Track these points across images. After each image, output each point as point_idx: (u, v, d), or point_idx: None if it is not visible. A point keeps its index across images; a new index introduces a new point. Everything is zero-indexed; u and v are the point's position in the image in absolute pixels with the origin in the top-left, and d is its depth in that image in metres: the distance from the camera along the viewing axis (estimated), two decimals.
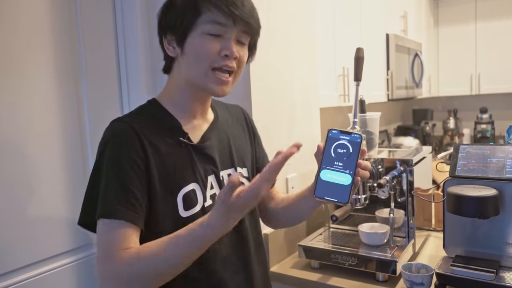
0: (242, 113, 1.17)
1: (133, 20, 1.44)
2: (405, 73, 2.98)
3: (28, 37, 1.20)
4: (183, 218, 0.90)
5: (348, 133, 0.88)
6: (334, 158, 0.88)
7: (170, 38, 0.93)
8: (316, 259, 1.46)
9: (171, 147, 0.92)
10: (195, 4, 0.88)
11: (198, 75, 0.91)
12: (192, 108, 0.99)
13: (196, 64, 0.90)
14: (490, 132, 3.91)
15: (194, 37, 0.89)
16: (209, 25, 0.88)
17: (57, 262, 1.27)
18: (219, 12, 0.87)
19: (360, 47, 1.38)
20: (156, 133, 0.92)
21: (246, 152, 1.10)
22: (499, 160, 1.26)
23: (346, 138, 0.88)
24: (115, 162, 0.86)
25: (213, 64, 0.90)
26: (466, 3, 3.90)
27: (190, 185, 0.93)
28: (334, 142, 0.89)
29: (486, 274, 1.17)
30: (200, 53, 0.89)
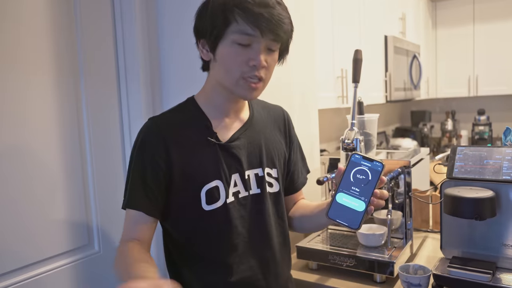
0: (283, 115, 1.20)
1: (132, 20, 1.45)
2: (404, 74, 2.99)
3: (27, 38, 1.20)
4: (205, 211, 0.99)
5: (370, 160, 0.88)
6: (352, 183, 0.88)
7: (203, 43, 0.96)
8: (314, 260, 1.46)
9: (198, 145, 0.99)
10: (224, 14, 0.89)
11: (229, 83, 0.95)
12: (225, 107, 1.03)
13: (227, 72, 0.94)
14: (488, 134, 3.92)
15: (224, 46, 0.92)
16: (237, 35, 0.90)
17: (56, 263, 1.27)
18: (246, 24, 0.89)
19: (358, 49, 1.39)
20: (185, 131, 1.00)
21: (279, 154, 1.13)
22: (496, 162, 1.27)
23: (367, 165, 0.88)
24: (137, 161, 0.98)
25: (243, 74, 0.93)
26: (464, 5, 3.91)
27: (213, 182, 0.99)
28: (355, 166, 0.89)
29: (483, 275, 1.18)
30: (230, 63, 0.93)
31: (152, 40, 1.50)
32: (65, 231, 1.29)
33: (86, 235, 1.36)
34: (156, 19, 1.52)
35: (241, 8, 0.88)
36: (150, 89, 1.50)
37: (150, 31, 1.50)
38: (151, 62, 1.51)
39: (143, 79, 1.48)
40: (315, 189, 1.80)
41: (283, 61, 1.05)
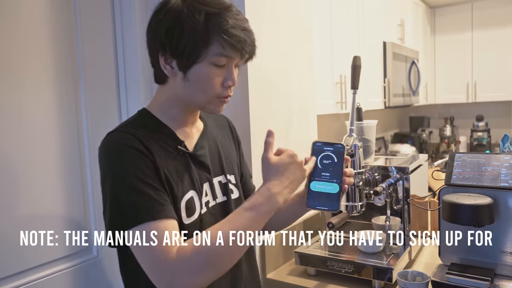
0: (227, 122, 1.19)
1: (131, 22, 1.45)
2: (402, 80, 3.00)
3: (27, 40, 1.20)
4: (185, 225, 0.91)
5: (331, 144, 0.94)
6: (321, 169, 0.94)
7: (169, 59, 0.90)
8: (312, 266, 1.46)
9: (170, 155, 0.92)
10: (207, 35, 0.86)
11: (201, 102, 0.93)
12: (183, 119, 0.99)
13: (201, 93, 0.91)
14: (486, 140, 3.93)
15: (200, 67, 0.89)
16: (217, 57, 0.88)
17: (54, 268, 1.27)
18: (230, 48, 0.87)
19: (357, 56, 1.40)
20: (155, 141, 0.91)
21: (233, 160, 1.12)
22: (494, 168, 1.28)
23: (330, 149, 0.94)
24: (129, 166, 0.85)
25: (219, 95, 0.92)
26: (463, 12, 3.93)
27: (190, 193, 0.94)
28: (319, 154, 0.95)
29: (481, 282, 1.18)
30: (206, 84, 0.90)
31: None
32: (63, 235, 1.29)
33: (85, 240, 1.36)
34: None
35: (226, 33, 0.86)
36: (150, 91, 1.50)
37: None
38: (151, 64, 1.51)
39: (143, 81, 1.48)
40: None
41: None
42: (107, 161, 0.87)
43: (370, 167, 1.48)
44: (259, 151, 1.45)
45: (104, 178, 0.87)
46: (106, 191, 0.86)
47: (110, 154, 0.87)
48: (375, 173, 1.48)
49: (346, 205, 1.37)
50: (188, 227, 0.91)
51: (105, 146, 0.88)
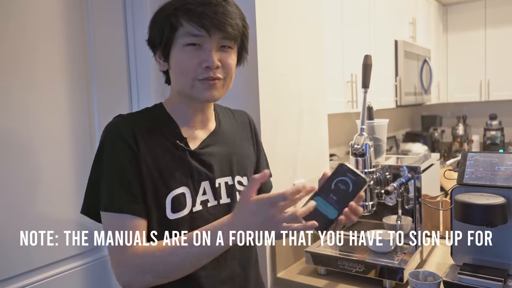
0: (248, 119, 1.18)
1: (143, 23, 1.47)
2: (414, 79, 2.97)
3: (39, 40, 1.22)
4: (169, 220, 0.92)
5: (356, 174, 0.89)
6: (331, 190, 0.89)
7: (158, 54, 0.96)
8: (323, 265, 1.46)
9: (166, 150, 0.94)
10: (169, 19, 0.90)
11: (185, 87, 0.94)
12: (192, 117, 1.00)
13: (182, 77, 0.93)
14: (500, 139, 3.88)
15: (175, 52, 0.92)
16: (185, 37, 0.90)
17: (65, 266, 1.28)
18: (191, 25, 0.89)
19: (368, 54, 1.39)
20: (155, 133, 0.94)
21: (249, 161, 1.11)
22: (507, 168, 1.26)
23: (351, 177, 0.89)
24: (112, 155, 0.90)
25: (197, 77, 0.92)
26: (475, 10, 3.88)
27: (180, 189, 0.94)
28: (339, 176, 0.90)
29: (494, 282, 1.16)
30: (183, 66, 0.92)
31: None
32: (73, 234, 1.31)
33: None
34: None
35: (183, 10, 0.88)
36: (161, 92, 1.51)
37: None
38: None
39: (154, 82, 1.49)
40: None
41: (243, 62, 1.03)
42: (101, 144, 0.93)
43: (381, 166, 1.48)
44: (269, 150, 1.45)
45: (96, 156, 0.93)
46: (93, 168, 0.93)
47: (105, 138, 0.92)
48: (386, 172, 1.47)
49: None
50: (174, 222, 0.92)
51: (105, 129, 0.94)
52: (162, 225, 0.91)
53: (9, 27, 1.15)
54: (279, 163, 1.51)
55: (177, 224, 0.92)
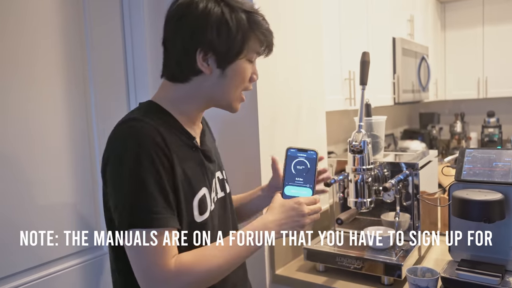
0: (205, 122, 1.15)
1: (140, 22, 1.46)
2: (412, 76, 2.97)
3: (36, 40, 1.22)
4: (197, 223, 0.91)
5: (304, 150, 0.98)
6: (294, 174, 0.98)
7: (209, 56, 0.90)
8: (321, 262, 1.46)
9: (186, 151, 0.92)
10: (249, 32, 0.92)
11: (232, 97, 0.96)
12: (194, 116, 0.99)
13: (235, 87, 0.95)
14: (498, 136, 3.89)
15: (240, 63, 0.93)
16: (252, 54, 0.95)
17: (65, 263, 1.28)
18: (263, 46, 0.96)
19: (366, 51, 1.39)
20: (173, 135, 0.89)
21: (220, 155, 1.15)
22: (505, 164, 1.26)
23: (303, 155, 0.98)
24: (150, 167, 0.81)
25: (246, 88, 0.98)
26: (473, 7, 3.89)
27: (202, 190, 0.93)
28: (293, 159, 0.98)
29: (491, 278, 1.17)
30: (242, 78, 0.95)
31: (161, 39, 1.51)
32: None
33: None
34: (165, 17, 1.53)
35: (263, 33, 0.94)
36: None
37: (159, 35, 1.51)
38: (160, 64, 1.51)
39: (151, 81, 1.49)
40: None
41: None
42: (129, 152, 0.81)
43: (380, 163, 1.48)
44: (267, 148, 1.45)
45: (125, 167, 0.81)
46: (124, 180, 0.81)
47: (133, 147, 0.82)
48: (384, 169, 1.48)
49: (355, 201, 1.37)
50: (200, 225, 0.91)
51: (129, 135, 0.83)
52: (190, 229, 0.89)
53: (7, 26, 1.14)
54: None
55: (203, 226, 0.92)
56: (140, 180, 0.80)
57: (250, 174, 1.43)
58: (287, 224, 0.93)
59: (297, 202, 0.95)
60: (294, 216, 0.94)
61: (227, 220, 1.04)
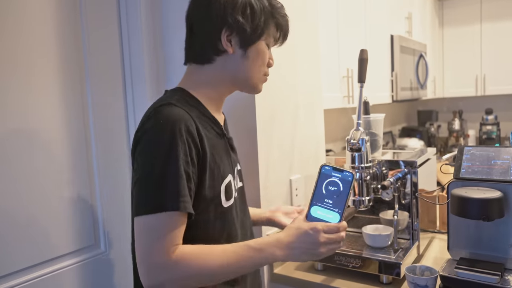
0: None
1: (137, 20, 1.45)
2: (410, 74, 2.97)
3: (33, 40, 1.21)
4: (224, 207, 0.95)
5: (340, 170, 0.88)
6: (324, 195, 0.88)
7: (233, 35, 0.95)
8: (319, 261, 1.46)
9: (215, 138, 0.96)
10: (271, 17, 0.99)
11: (256, 77, 1.02)
12: (218, 99, 1.04)
13: (258, 68, 1.01)
14: (496, 134, 3.89)
15: (260, 45, 0.99)
16: (271, 39, 1.02)
17: (62, 263, 1.27)
18: (280, 33, 1.03)
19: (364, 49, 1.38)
20: (203, 122, 0.93)
21: None
22: (504, 162, 1.26)
23: (337, 176, 0.88)
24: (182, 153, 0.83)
25: (266, 73, 1.04)
26: (471, 4, 3.88)
27: (229, 177, 0.98)
28: (326, 178, 0.89)
29: (491, 276, 1.16)
30: (262, 60, 1.01)
31: (158, 39, 1.51)
32: (71, 231, 1.30)
33: (93, 235, 1.37)
34: (161, 18, 1.52)
35: (283, 19, 1.02)
36: (156, 89, 1.50)
37: (156, 30, 1.50)
38: (157, 61, 1.51)
39: (149, 79, 1.48)
40: None
41: None
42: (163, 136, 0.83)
43: (378, 161, 1.47)
44: (265, 145, 1.44)
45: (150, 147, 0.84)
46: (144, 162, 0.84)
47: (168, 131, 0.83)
48: (382, 167, 1.47)
49: (353, 200, 1.36)
50: (226, 210, 0.96)
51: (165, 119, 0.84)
52: (217, 214, 0.93)
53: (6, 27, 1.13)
54: (275, 158, 1.51)
55: (229, 211, 0.97)
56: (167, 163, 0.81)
57: (248, 171, 1.42)
58: (298, 249, 0.88)
59: (313, 229, 0.87)
60: (306, 243, 0.87)
61: (245, 210, 1.09)
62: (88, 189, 1.36)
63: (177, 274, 0.81)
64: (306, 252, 0.88)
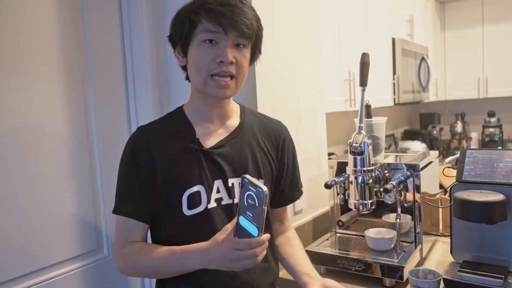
0: (280, 129, 1.18)
1: (139, 22, 1.46)
2: (412, 77, 2.97)
3: (35, 40, 1.21)
4: (186, 216, 1.01)
5: (254, 185, 0.83)
6: (246, 207, 0.85)
7: (178, 50, 1.03)
8: (322, 264, 1.45)
9: (181, 152, 1.01)
10: (189, 16, 0.97)
11: (199, 83, 0.99)
12: (208, 113, 1.05)
13: (197, 72, 0.98)
14: (498, 136, 3.88)
15: (193, 47, 0.98)
16: (203, 34, 0.96)
17: (65, 268, 1.28)
18: (209, 22, 0.94)
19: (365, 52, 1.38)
20: (170, 139, 1.03)
21: (267, 164, 1.11)
22: (506, 165, 1.26)
23: (253, 190, 0.83)
24: (125, 166, 1.02)
25: (211, 72, 0.97)
26: (473, 7, 3.88)
27: (195, 187, 1.01)
28: (246, 191, 0.85)
29: (494, 280, 1.16)
30: (199, 61, 0.97)
31: (159, 43, 1.51)
32: (74, 236, 1.30)
33: (95, 240, 1.37)
34: (163, 22, 1.53)
35: (203, 9, 0.95)
36: (158, 91, 1.51)
37: (157, 34, 1.51)
38: (159, 65, 1.51)
39: (151, 81, 1.49)
40: (323, 193, 1.79)
41: (255, 61, 1.08)
42: (123, 154, 1.04)
43: (380, 164, 1.47)
44: None
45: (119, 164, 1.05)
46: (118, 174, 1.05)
47: (125, 150, 1.04)
48: (385, 170, 1.47)
49: (356, 203, 1.36)
50: (190, 218, 1.00)
51: (128, 140, 1.05)
52: (180, 221, 1.01)
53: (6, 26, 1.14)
54: None
55: (194, 220, 1.00)
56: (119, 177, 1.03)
57: None
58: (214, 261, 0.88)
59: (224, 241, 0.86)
60: (219, 255, 0.86)
61: None
62: (91, 193, 1.36)
63: (124, 264, 1.02)
64: (221, 265, 0.87)
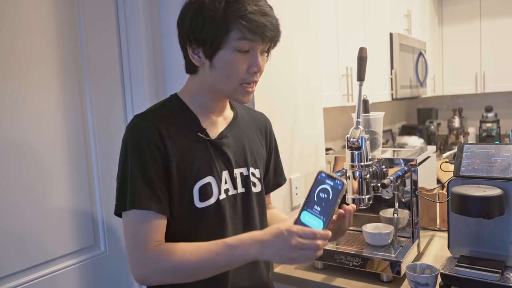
0: (265, 122, 1.22)
1: (135, 19, 1.45)
2: (409, 72, 2.97)
3: (31, 37, 1.20)
4: (198, 208, 0.97)
5: (333, 178, 0.85)
6: (315, 202, 0.87)
7: (196, 48, 0.95)
8: (320, 259, 1.46)
9: (190, 142, 0.98)
10: (225, 21, 0.89)
11: (227, 89, 0.97)
12: (211, 106, 1.04)
13: (227, 79, 0.95)
14: (496, 131, 3.89)
15: (224, 54, 0.92)
16: (239, 42, 0.91)
17: (62, 264, 1.27)
18: (249, 32, 0.90)
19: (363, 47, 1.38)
20: (176, 127, 0.97)
21: (260, 155, 1.15)
22: (504, 159, 1.26)
23: (329, 183, 0.85)
24: (138, 157, 0.92)
25: (243, 81, 0.96)
26: (471, 1, 3.88)
27: (206, 178, 0.98)
28: (320, 185, 0.87)
29: (491, 274, 1.16)
30: (231, 70, 0.94)
31: (156, 39, 1.51)
32: (71, 231, 1.30)
33: (92, 236, 1.36)
34: (160, 18, 1.52)
35: (244, 18, 0.89)
36: (155, 88, 1.50)
37: (154, 30, 1.50)
38: (155, 61, 1.51)
39: (147, 78, 1.48)
40: None
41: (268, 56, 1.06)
42: (125, 144, 0.94)
43: (378, 159, 1.47)
44: None
45: (121, 157, 0.96)
46: (119, 169, 0.95)
47: (128, 139, 0.94)
48: (382, 165, 1.47)
49: (353, 198, 1.36)
50: (202, 210, 0.97)
51: (128, 129, 0.95)
52: (192, 214, 0.96)
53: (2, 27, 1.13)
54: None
55: (205, 212, 0.97)
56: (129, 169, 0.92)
57: None
58: (270, 248, 0.86)
59: (288, 230, 0.84)
60: (278, 243, 0.85)
61: (248, 215, 1.07)
62: (88, 189, 1.35)
63: (150, 270, 0.89)
64: (276, 253, 0.85)
